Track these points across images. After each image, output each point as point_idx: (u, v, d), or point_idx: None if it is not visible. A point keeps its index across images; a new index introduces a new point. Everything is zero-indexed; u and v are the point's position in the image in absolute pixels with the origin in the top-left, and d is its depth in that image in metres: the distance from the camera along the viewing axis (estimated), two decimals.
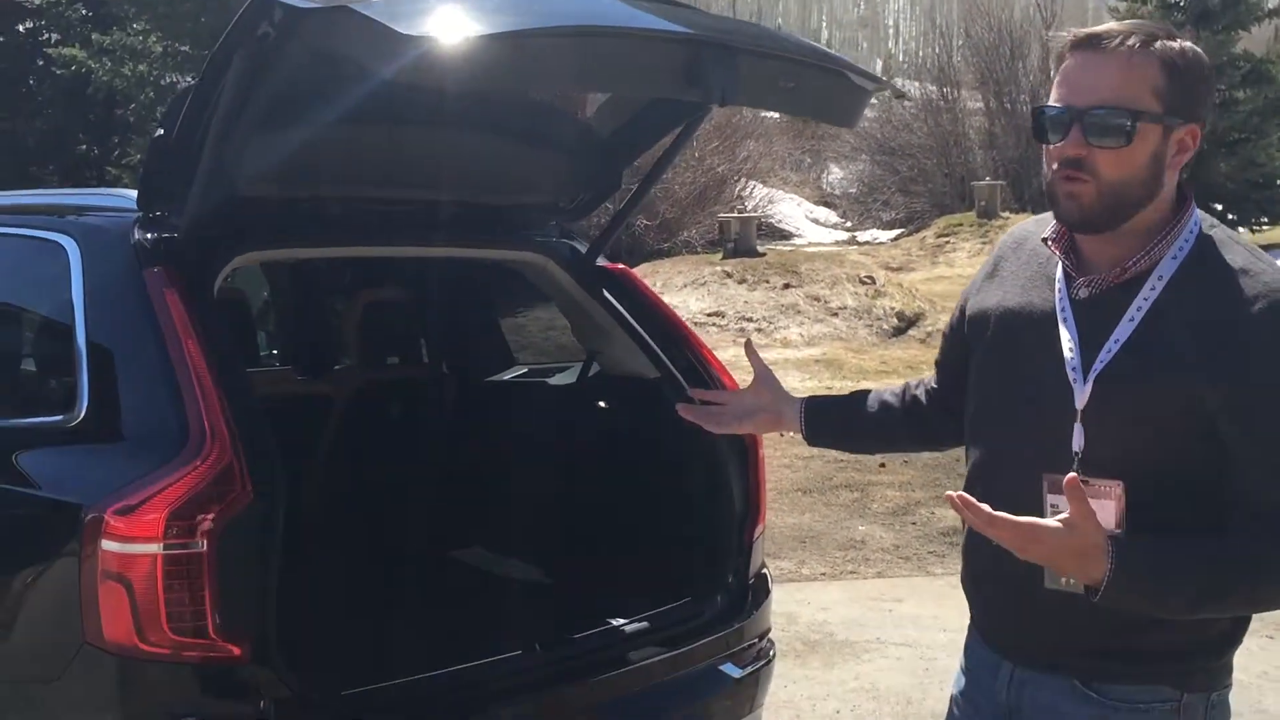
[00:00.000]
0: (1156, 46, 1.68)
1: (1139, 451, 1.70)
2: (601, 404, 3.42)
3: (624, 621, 2.91)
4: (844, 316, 14.15)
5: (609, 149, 3.30)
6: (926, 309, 14.39)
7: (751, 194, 25.82)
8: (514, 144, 3.11)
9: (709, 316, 14.14)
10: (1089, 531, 1.60)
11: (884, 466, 8.02)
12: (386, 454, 3.68)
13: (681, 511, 3.20)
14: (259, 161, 2.58)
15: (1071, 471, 1.66)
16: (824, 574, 6.21)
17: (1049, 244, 1.82)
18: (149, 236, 2.58)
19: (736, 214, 19.46)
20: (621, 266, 3.38)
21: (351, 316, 3.82)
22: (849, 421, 2.17)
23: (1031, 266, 1.87)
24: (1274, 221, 20.38)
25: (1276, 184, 19.83)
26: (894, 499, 7.43)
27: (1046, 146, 1.74)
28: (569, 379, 3.61)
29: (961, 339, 1.98)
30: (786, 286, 14.60)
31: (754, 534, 3.14)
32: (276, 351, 4.59)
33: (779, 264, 15.63)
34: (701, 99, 2.43)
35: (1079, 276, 1.78)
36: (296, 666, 2.34)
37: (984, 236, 20.52)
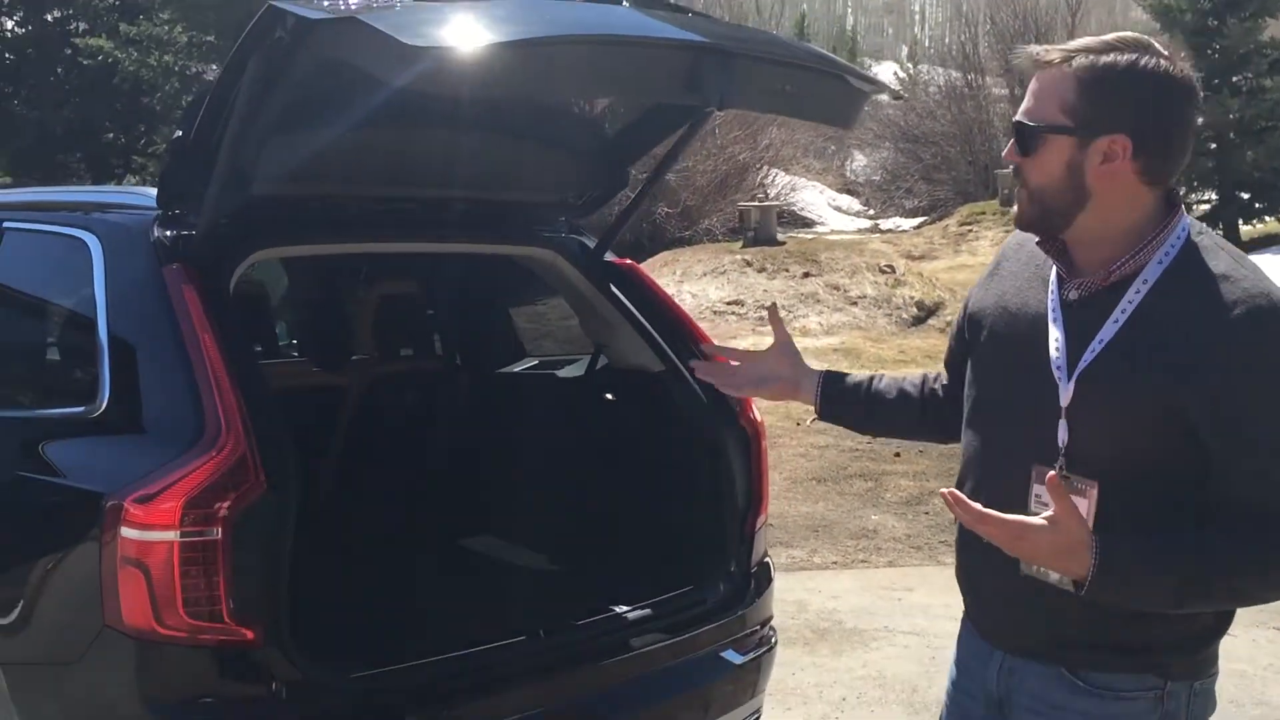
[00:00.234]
0: (1076, 62, 1.76)
1: (1121, 449, 1.76)
2: (609, 396, 3.50)
3: (627, 608, 2.98)
4: (863, 305, 14.12)
5: (617, 147, 3.38)
6: (947, 298, 14.35)
7: (774, 182, 25.72)
8: (524, 143, 3.18)
9: (728, 305, 14.14)
10: (1073, 529, 1.67)
11: (899, 456, 8.05)
12: (400, 444, 3.77)
13: (685, 502, 3.27)
14: (274, 162, 2.66)
15: (1056, 466, 1.74)
16: (835, 562, 6.26)
17: (1042, 247, 1.90)
18: (168, 234, 2.67)
19: (756, 202, 19.37)
20: (629, 261, 3.45)
21: (367, 310, 3.90)
22: (867, 404, 2.20)
23: (1030, 268, 1.94)
24: None
25: None
26: (908, 488, 7.47)
27: None
28: (577, 371, 3.68)
29: (964, 337, 2.06)
30: (806, 275, 14.58)
31: (756, 524, 3.21)
32: (296, 342, 4.68)
33: (799, 252, 15.61)
34: (700, 103, 2.49)
35: (1070, 279, 1.85)
36: (308, 650, 2.43)
37: (1007, 225, 20.39)
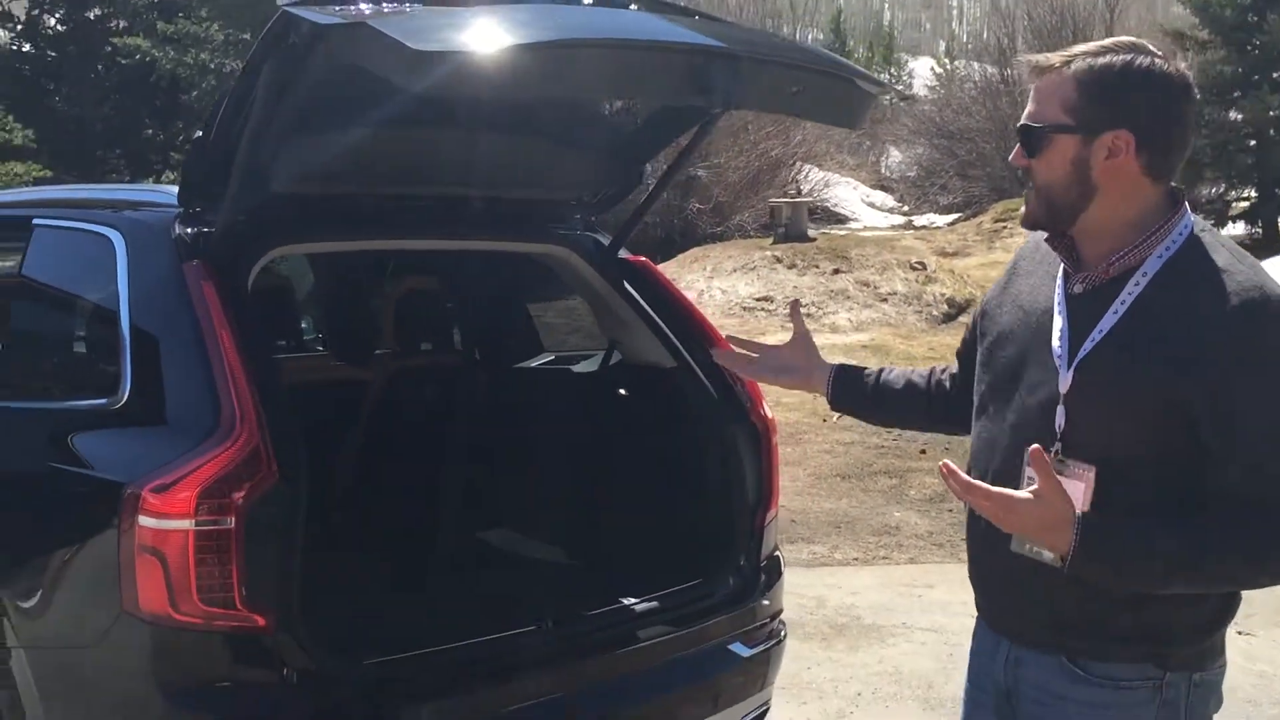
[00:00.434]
0: (1075, 66, 1.83)
1: (1116, 437, 1.81)
2: (622, 391, 3.54)
3: (635, 600, 3.03)
4: (893, 302, 14.09)
5: (631, 145, 3.42)
6: (978, 295, 14.25)
7: (807, 178, 25.67)
8: (539, 142, 3.23)
9: (758, 301, 14.14)
10: (1056, 504, 1.73)
11: (924, 453, 8.04)
12: (419, 437, 3.83)
13: (696, 496, 3.31)
14: (291, 161, 2.73)
15: (1052, 450, 1.80)
16: (856, 559, 6.28)
17: (1050, 244, 1.97)
18: (188, 231, 2.74)
19: (787, 198, 19.35)
20: (643, 259, 3.49)
21: (389, 306, 3.97)
22: (875, 394, 2.30)
23: (1043, 267, 2.02)
24: None
25: None
26: (932, 485, 7.46)
27: None
28: (592, 367, 3.73)
29: (976, 332, 2.13)
30: (836, 272, 14.56)
31: (765, 519, 3.25)
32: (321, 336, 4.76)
33: (829, 249, 15.58)
34: (707, 104, 2.53)
35: (1076, 274, 1.91)
36: (323, 638, 2.49)
37: None
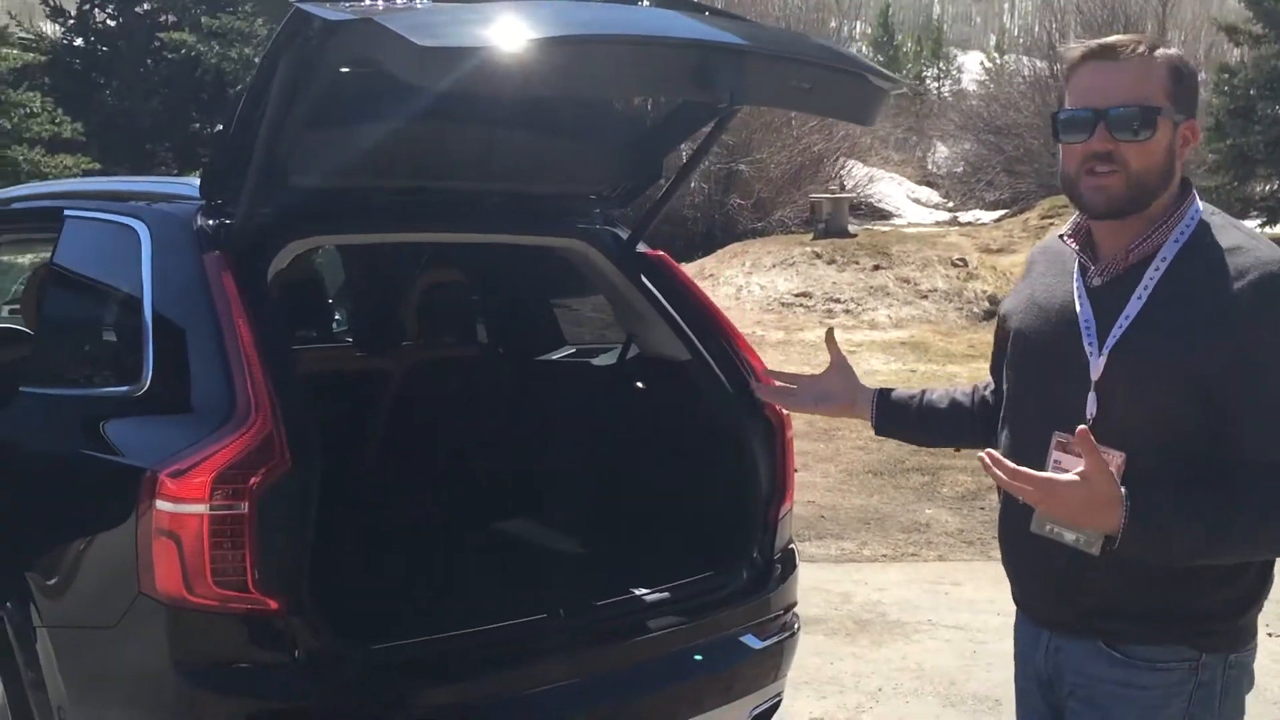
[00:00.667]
0: (1159, 53, 1.89)
1: (1146, 419, 1.85)
2: (639, 384, 3.57)
3: (647, 591, 3.06)
4: (934, 299, 14.02)
5: (649, 139, 3.45)
6: None
7: (850, 173, 25.55)
8: (557, 136, 3.27)
9: (796, 297, 14.14)
10: (1103, 483, 1.75)
11: (959, 451, 8.00)
12: (441, 427, 3.88)
13: (710, 489, 3.34)
14: (310, 155, 2.79)
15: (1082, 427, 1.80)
16: (885, 555, 6.27)
17: (1065, 239, 2.00)
18: (209, 223, 2.80)
19: (828, 194, 19.29)
20: (660, 253, 3.52)
21: (413, 298, 4.02)
22: (920, 416, 2.30)
23: (1056, 264, 2.05)
24: None
25: None
26: (965, 484, 7.44)
27: (1067, 145, 1.93)
28: (610, 360, 3.76)
29: (1003, 340, 2.14)
30: (876, 268, 14.52)
31: (779, 512, 3.27)
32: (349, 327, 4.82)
33: (870, 245, 15.53)
34: (711, 99, 2.55)
35: (1093, 266, 1.95)
36: (332, 621, 2.55)
37: None
